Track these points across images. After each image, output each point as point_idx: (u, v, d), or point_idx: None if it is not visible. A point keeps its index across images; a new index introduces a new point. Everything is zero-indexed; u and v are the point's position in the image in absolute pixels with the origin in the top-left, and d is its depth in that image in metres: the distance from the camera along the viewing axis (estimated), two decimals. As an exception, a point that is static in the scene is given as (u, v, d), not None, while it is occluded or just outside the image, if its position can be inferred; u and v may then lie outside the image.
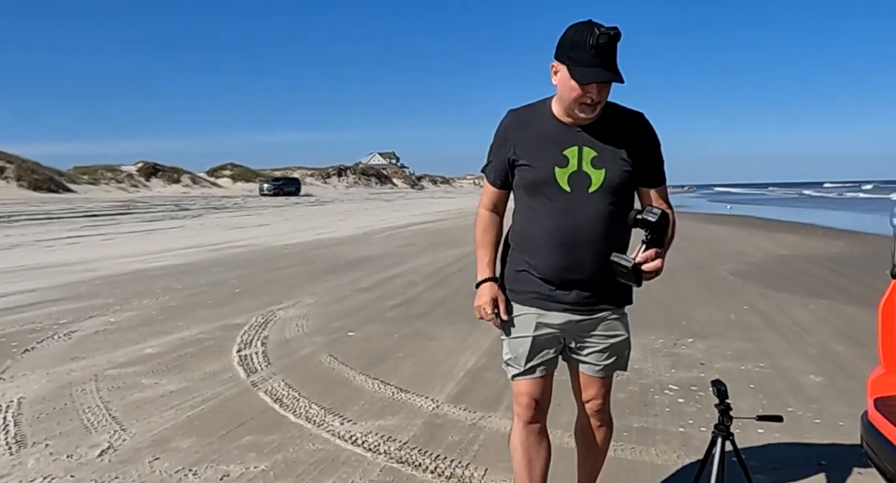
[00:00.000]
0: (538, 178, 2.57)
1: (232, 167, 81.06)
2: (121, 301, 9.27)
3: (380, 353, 6.34)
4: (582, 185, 2.52)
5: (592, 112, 2.47)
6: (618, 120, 2.58)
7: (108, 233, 22.95)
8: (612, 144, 2.53)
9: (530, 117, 2.66)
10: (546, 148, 2.56)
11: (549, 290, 2.65)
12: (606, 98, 2.47)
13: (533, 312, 2.68)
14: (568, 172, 2.53)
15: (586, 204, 2.53)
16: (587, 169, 2.52)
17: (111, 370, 5.82)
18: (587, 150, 2.52)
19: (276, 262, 13.85)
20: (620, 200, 2.56)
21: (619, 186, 2.53)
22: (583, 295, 2.63)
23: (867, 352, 3.21)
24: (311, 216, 34.70)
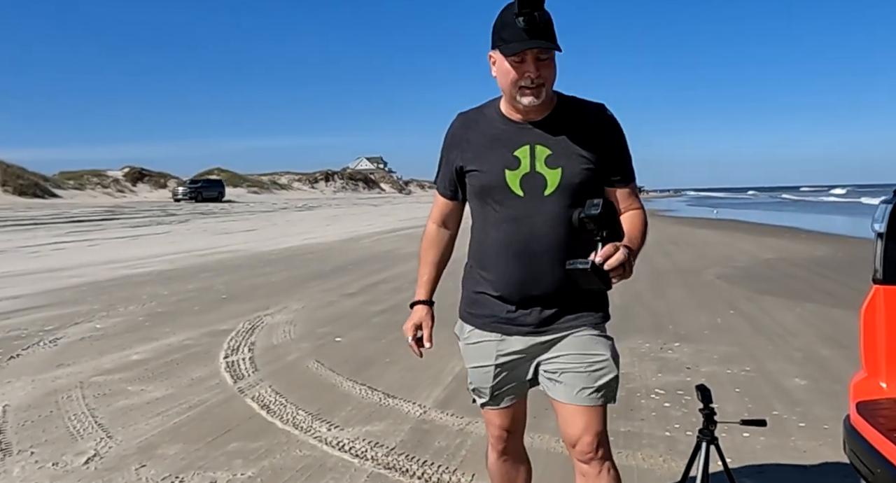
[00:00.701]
0: (487, 183, 2.31)
1: (219, 172, 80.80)
2: (107, 307, 9.24)
3: (367, 358, 6.34)
4: (536, 188, 2.26)
5: (537, 96, 2.18)
6: (574, 112, 2.32)
7: (94, 238, 22.82)
8: (569, 140, 2.27)
9: (477, 119, 2.41)
10: (494, 150, 2.31)
11: (507, 312, 2.37)
12: (551, 78, 2.20)
13: (493, 339, 2.42)
14: (520, 175, 2.27)
15: (542, 208, 2.26)
16: (541, 169, 2.25)
17: (97, 377, 5.80)
18: (540, 148, 2.26)
19: (263, 268, 13.82)
20: (579, 202, 2.23)
21: (579, 186, 2.25)
22: (546, 313, 2.34)
23: (851, 355, 3.24)
24: (298, 221, 34.63)
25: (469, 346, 2.52)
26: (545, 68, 2.17)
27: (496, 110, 2.37)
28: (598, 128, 2.30)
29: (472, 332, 2.49)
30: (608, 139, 2.30)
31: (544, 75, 2.17)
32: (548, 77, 2.19)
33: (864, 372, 2.80)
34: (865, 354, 2.79)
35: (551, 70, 2.19)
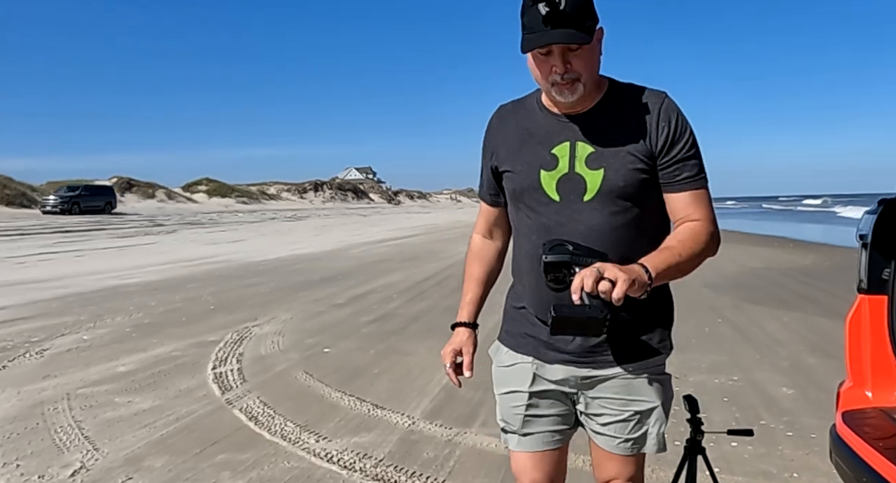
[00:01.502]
0: (521, 186, 2.00)
1: (208, 182, 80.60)
2: (94, 318, 9.19)
3: (355, 369, 6.33)
4: (575, 192, 1.92)
5: (572, 92, 1.87)
6: (627, 102, 1.96)
7: (82, 249, 22.71)
8: (616, 136, 1.92)
9: (516, 111, 2.11)
10: (529, 147, 2.00)
11: (546, 334, 2.00)
12: (587, 69, 1.87)
13: (529, 362, 2.09)
14: (557, 176, 1.94)
15: (580, 216, 1.91)
16: (581, 170, 1.92)
17: (84, 388, 5.76)
18: (581, 145, 1.93)
19: (252, 278, 13.78)
20: (632, 210, 1.92)
21: (624, 190, 1.89)
22: (588, 342, 1.97)
23: (838, 364, 3.26)
24: (287, 231, 34.56)
25: (501, 370, 2.17)
26: (578, 60, 1.84)
27: (537, 101, 2.05)
28: (655, 119, 1.93)
29: (507, 354, 2.16)
30: (666, 132, 1.92)
31: (577, 68, 1.85)
32: (582, 69, 1.86)
33: (850, 381, 2.82)
34: (851, 364, 2.81)
35: (586, 61, 1.86)
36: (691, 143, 1.94)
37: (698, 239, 1.89)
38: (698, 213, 1.93)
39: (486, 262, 2.30)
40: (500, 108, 2.18)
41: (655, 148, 1.91)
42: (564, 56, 1.83)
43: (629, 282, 1.61)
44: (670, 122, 1.92)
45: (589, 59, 1.86)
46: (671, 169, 1.92)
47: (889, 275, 2.72)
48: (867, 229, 2.77)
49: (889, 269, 2.72)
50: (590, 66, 1.88)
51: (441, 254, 18.65)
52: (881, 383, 2.74)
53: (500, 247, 2.31)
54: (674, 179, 1.93)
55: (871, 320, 2.75)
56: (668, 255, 1.82)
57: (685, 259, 1.84)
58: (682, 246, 1.86)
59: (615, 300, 1.60)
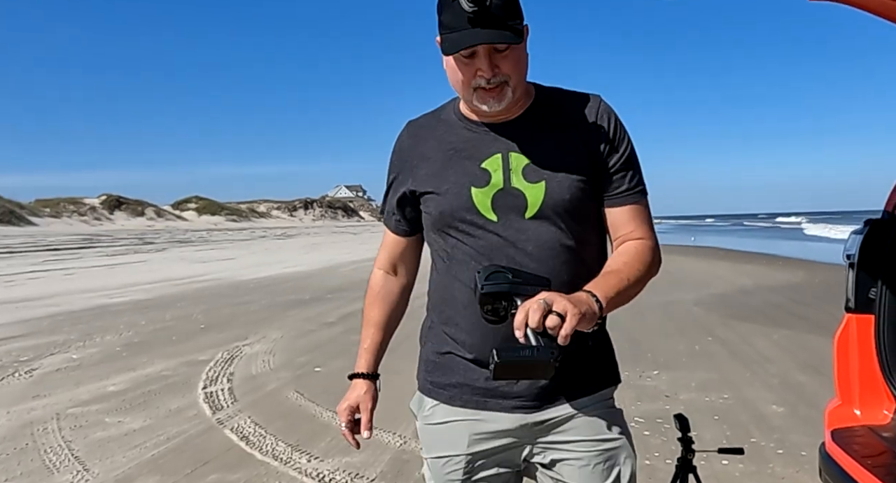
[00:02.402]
0: (450, 207, 1.72)
1: (197, 200, 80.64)
2: (83, 337, 9.15)
3: (346, 388, 6.27)
4: (514, 209, 1.68)
5: (500, 99, 1.64)
6: (559, 108, 1.76)
7: (71, 267, 22.63)
8: (554, 144, 1.71)
9: (432, 126, 1.83)
10: (455, 163, 1.74)
11: (485, 380, 1.71)
12: (516, 72, 1.65)
13: (465, 417, 1.76)
14: (491, 192, 1.69)
15: (523, 235, 1.67)
16: (518, 184, 1.68)
17: (73, 408, 5.74)
18: (515, 156, 1.70)
19: (242, 297, 13.75)
20: (577, 226, 1.71)
21: (570, 204, 1.68)
22: (541, 381, 1.69)
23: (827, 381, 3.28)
24: (277, 249, 34.52)
25: (430, 428, 1.84)
26: (506, 62, 1.62)
27: (455, 112, 1.80)
28: (592, 125, 1.73)
29: (436, 409, 1.82)
30: (605, 140, 1.72)
31: (505, 70, 1.63)
32: (511, 71, 1.64)
33: (839, 399, 2.84)
34: (839, 382, 2.84)
35: (515, 63, 1.64)
36: (631, 150, 1.76)
37: (644, 260, 1.71)
38: (641, 231, 1.75)
39: (388, 303, 2.00)
40: (409, 125, 1.90)
41: (595, 156, 1.71)
42: (491, 58, 1.60)
43: (579, 315, 1.41)
44: (609, 126, 1.73)
45: (518, 60, 1.65)
46: (612, 179, 1.73)
47: (876, 294, 2.75)
48: (854, 249, 2.80)
49: (875, 288, 2.75)
50: (519, 68, 1.66)
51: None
52: (869, 401, 2.77)
53: (405, 284, 2.02)
54: (614, 191, 1.73)
55: (858, 339, 2.78)
56: (616, 280, 1.61)
57: (632, 284, 1.64)
58: (629, 269, 1.66)
59: (563, 337, 1.39)
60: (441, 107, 1.86)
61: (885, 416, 2.74)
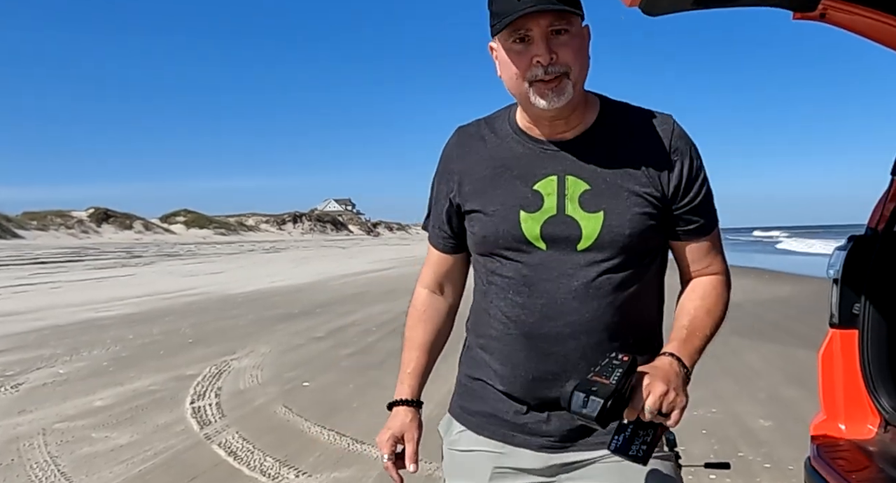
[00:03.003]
0: (495, 232, 1.57)
1: (186, 213, 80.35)
2: (70, 351, 9.10)
3: (334, 403, 6.31)
4: (565, 240, 1.53)
5: (559, 93, 1.46)
6: (627, 129, 1.57)
7: (58, 281, 22.51)
8: (618, 169, 1.53)
9: (483, 137, 1.66)
10: (504, 181, 1.58)
11: (514, 413, 1.62)
12: (577, 61, 1.47)
13: (490, 449, 1.65)
14: (542, 219, 1.53)
15: (572, 270, 1.52)
16: (573, 212, 1.52)
17: (60, 423, 5.71)
18: (573, 181, 1.53)
19: (230, 311, 13.71)
20: (636, 263, 1.55)
21: (630, 239, 1.51)
22: (573, 423, 1.54)
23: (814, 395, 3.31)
24: (266, 263, 34.44)
25: (454, 453, 1.74)
26: (565, 49, 1.45)
27: (510, 122, 1.64)
28: (664, 152, 1.54)
29: (463, 435, 1.72)
30: (680, 171, 1.54)
31: (563, 58, 1.44)
32: (570, 60, 1.46)
33: (824, 414, 2.87)
34: (824, 397, 2.86)
35: (574, 50, 1.46)
36: (707, 184, 1.59)
37: (724, 300, 1.61)
38: (717, 264, 1.63)
39: (433, 325, 1.82)
40: (459, 131, 1.73)
41: (668, 191, 1.54)
42: (548, 41, 1.44)
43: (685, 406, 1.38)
44: (684, 157, 1.55)
45: (578, 49, 1.48)
46: (686, 213, 1.56)
47: (860, 310, 2.78)
48: (838, 265, 2.84)
49: (859, 304, 2.78)
50: (579, 59, 1.48)
51: (421, 286, 18.64)
52: (854, 416, 2.79)
53: (452, 304, 1.85)
54: (688, 227, 1.57)
55: (843, 354, 2.81)
56: (702, 340, 1.53)
57: (714, 333, 1.57)
58: (712, 320, 1.57)
59: (672, 422, 1.38)
60: (495, 114, 1.70)
61: (870, 430, 2.77)
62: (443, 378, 1.98)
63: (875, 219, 2.88)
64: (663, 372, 1.40)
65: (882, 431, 2.72)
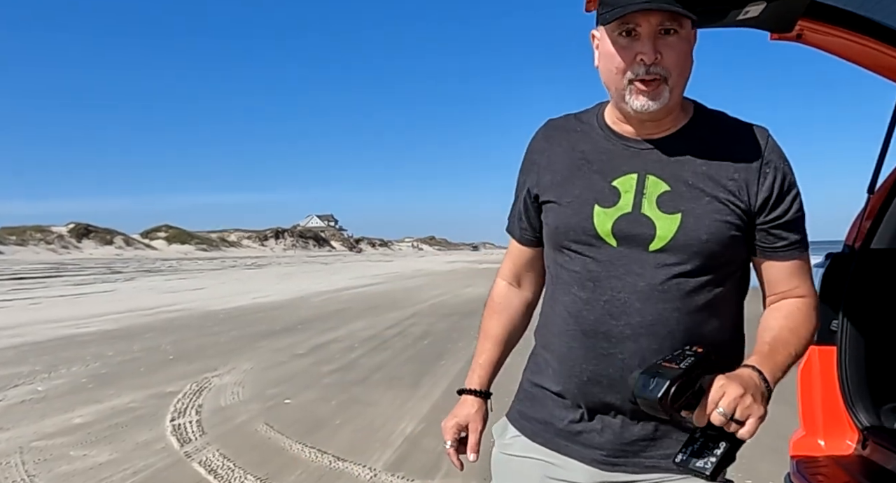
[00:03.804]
0: (567, 223, 1.56)
1: (167, 229, 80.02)
2: (48, 368, 9.01)
3: (317, 420, 6.28)
4: (637, 239, 1.49)
5: (655, 97, 1.44)
6: (719, 135, 1.54)
7: (37, 296, 22.29)
8: (702, 173, 1.49)
9: (570, 129, 1.65)
10: (583, 174, 1.57)
11: (568, 422, 1.59)
12: (679, 66, 1.45)
13: (542, 457, 1.63)
14: (616, 215, 1.51)
15: (640, 269, 1.49)
16: (649, 211, 1.49)
17: (38, 442, 5.64)
18: (653, 180, 1.50)
19: (212, 327, 13.62)
20: (710, 272, 1.49)
21: (705, 246, 1.46)
22: (628, 434, 1.53)
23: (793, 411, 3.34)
24: (248, 279, 34.28)
25: (505, 458, 1.71)
26: (670, 52, 1.43)
27: (598, 118, 1.63)
28: (757, 165, 1.49)
29: (517, 440, 1.69)
30: (771, 185, 1.48)
31: (667, 62, 1.43)
32: (672, 63, 1.44)
33: (803, 430, 2.90)
34: (804, 413, 2.90)
35: (679, 53, 1.44)
36: (799, 203, 1.52)
37: (812, 324, 1.54)
38: (805, 287, 1.56)
39: (508, 317, 1.80)
40: (547, 123, 1.72)
41: (755, 202, 1.48)
42: (655, 40, 1.42)
43: (762, 417, 1.33)
44: (777, 171, 1.49)
45: (683, 54, 1.46)
46: (773, 231, 1.51)
47: (837, 326, 2.82)
48: (815, 282, 2.87)
49: (837, 320, 2.82)
50: (682, 64, 1.46)
51: (402, 302, 18.63)
52: (833, 432, 2.82)
53: (530, 298, 1.83)
54: (775, 244, 1.52)
55: (821, 371, 2.84)
56: (786, 358, 1.47)
57: (798, 356, 1.51)
58: (797, 340, 1.50)
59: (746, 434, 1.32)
60: (585, 110, 1.68)
61: (849, 446, 2.80)
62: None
63: (852, 236, 2.92)
64: (741, 378, 1.35)
65: (860, 447, 2.75)
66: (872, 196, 2.90)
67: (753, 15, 2.36)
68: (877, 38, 2.64)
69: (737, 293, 1.59)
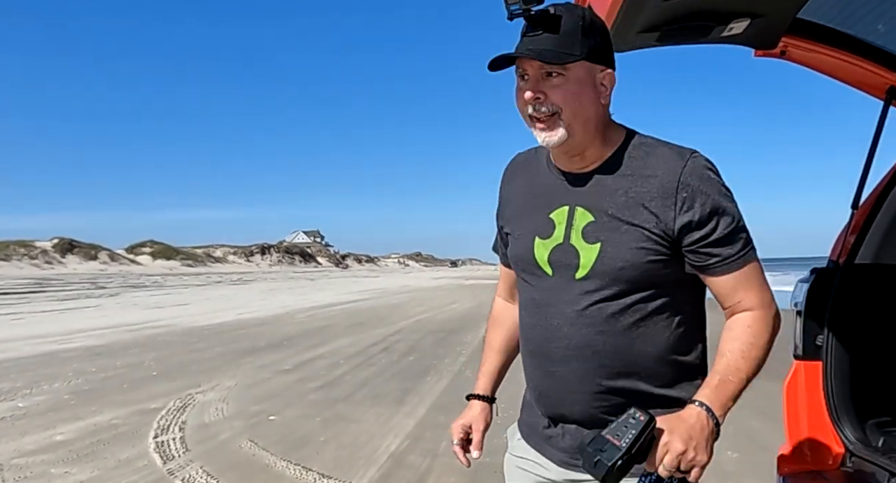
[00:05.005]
0: (517, 253, 1.74)
1: (152, 244, 79.54)
2: (30, 384, 8.92)
3: (301, 437, 6.23)
4: (567, 267, 1.63)
5: (550, 132, 1.56)
6: (641, 163, 1.60)
7: (19, 312, 22.10)
8: (622, 203, 1.58)
9: (528, 165, 1.81)
10: (530, 209, 1.72)
11: (543, 427, 1.77)
12: (568, 103, 1.55)
13: (532, 458, 1.80)
14: (551, 245, 1.65)
15: (569, 297, 1.62)
16: (576, 241, 1.61)
17: (18, 459, 5.57)
18: (581, 212, 1.62)
19: (196, 344, 13.53)
20: (633, 296, 1.59)
21: (622, 273, 1.57)
22: (580, 441, 1.57)
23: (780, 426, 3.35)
24: (233, 295, 34.12)
25: (511, 459, 1.89)
26: (556, 91, 1.54)
27: (547, 155, 1.74)
28: (672, 189, 1.55)
29: (519, 443, 1.87)
30: (686, 210, 1.54)
31: (554, 99, 1.54)
32: (561, 101, 1.54)
33: (789, 445, 2.89)
34: (789, 428, 2.89)
35: (567, 92, 1.54)
36: (727, 220, 1.56)
37: (763, 338, 1.59)
38: (751, 298, 1.59)
39: (506, 330, 1.98)
40: (514, 158, 1.88)
41: (673, 226, 1.55)
42: (538, 81, 1.55)
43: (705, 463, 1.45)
44: (695, 193, 1.54)
45: (571, 93, 1.55)
46: (700, 251, 1.57)
47: (823, 341, 2.82)
48: (801, 297, 2.88)
49: (822, 335, 2.82)
50: (572, 101, 1.55)
51: (388, 319, 18.59)
52: (819, 447, 2.82)
53: None
54: (707, 261, 1.57)
55: (807, 385, 2.84)
56: (736, 386, 1.54)
57: (753, 375, 1.57)
58: (748, 363, 1.56)
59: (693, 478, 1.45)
60: None
61: (835, 461, 2.79)
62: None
63: (837, 251, 2.93)
64: (686, 428, 1.45)
65: (846, 462, 2.75)
66: (856, 211, 2.92)
67: (737, 32, 2.38)
68: (859, 54, 2.67)
69: (679, 311, 1.65)
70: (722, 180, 1.59)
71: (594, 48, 1.55)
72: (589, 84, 1.57)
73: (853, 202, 2.92)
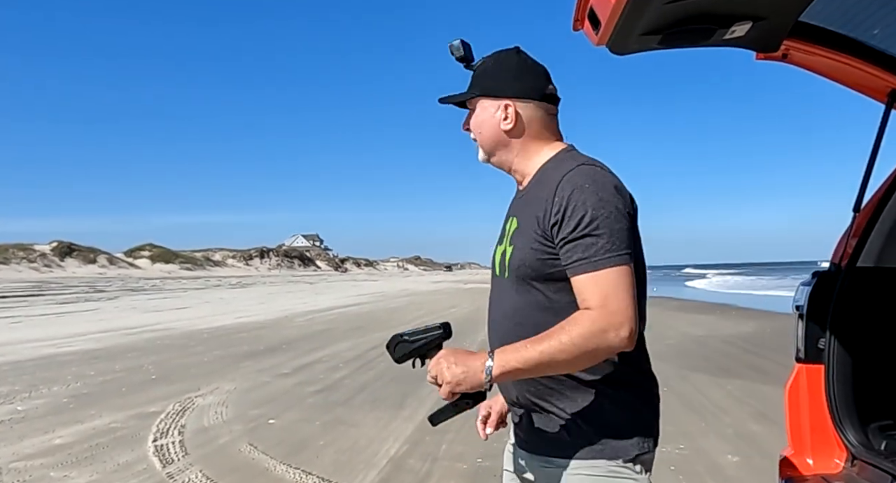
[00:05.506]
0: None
1: (151, 248, 79.48)
2: (29, 388, 8.90)
3: (300, 441, 6.22)
4: (502, 268, 1.91)
5: (477, 151, 1.97)
6: (546, 177, 1.85)
7: (18, 315, 22.08)
8: (528, 212, 1.83)
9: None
10: (503, 222, 2.03)
11: (510, 414, 2.05)
12: (477, 131, 1.93)
13: (512, 440, 2.07)
14: (500, 251, 1.93)
15: (499, 295, 1.93)
16: (507, 246, 1.89)
17: (16, 463, 5.56)
18: (513, 221, 1.90)
19: (195, 347, 13.52)
20: (534, 291, 1.80)
21: (520, 270, 1.81)
22: (526, 424, 1.91)
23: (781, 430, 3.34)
24: (232, 299, 34.11)
25: (507, 445, 2.10)
26: (471, 119, 1.96)
27: None
28: (550, 195, 1.76)
29: (511, 431, 2.09)
30: (556, 210, 1.73)
31: (469, 127, 1.98)
32: (473, 128, 1.96)
33: (791, 448, 2.88)
34: (791, 431, 2.88)
35: (475, 122, 1.95)
36: (587, 221, 1.69)
37: (576, 330, 1.65)
38: (592, 299, 1.68)
39: None
40: None
41: (547, 227, 1.75)
42: (468, 114, 1.98)
43: (452, 385, 1.72)
44: (563, 198, 1.73)
45: (477, 120, 1.94)
46: (563, 251, 1.73)
47: (825, 344, 2.82)
48: (803, 300, 2.87)
49: (824, 338, 2.82)
50: (478, 128, 1.94)
51: (388, 322, 18.57)
52: (821, 450, 2.81)
53: None
54: (566, 262, 1.73)
55: (809, 389, 2.83)
56: (529, 350, 1.67)
57: (554, 352, 1.65)
58: (549, 339, 1.66)
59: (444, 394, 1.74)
60: None
61: (837, 464, 2.79)
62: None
63: (838, 255, 2.93)
64: (462, 355, 1.75)
65: (849, 465, 2.74)
66: (858, 214, 2.91)
67: (739, 34, 2.37)
68: (861, 58, 2.67)
69: (565, 300, 1.79)
70: (599, 188, 1.72)
71: (489, 86, 1.90)
72: (490, 113, 1.91)
73: (854, 206, 2.91)
